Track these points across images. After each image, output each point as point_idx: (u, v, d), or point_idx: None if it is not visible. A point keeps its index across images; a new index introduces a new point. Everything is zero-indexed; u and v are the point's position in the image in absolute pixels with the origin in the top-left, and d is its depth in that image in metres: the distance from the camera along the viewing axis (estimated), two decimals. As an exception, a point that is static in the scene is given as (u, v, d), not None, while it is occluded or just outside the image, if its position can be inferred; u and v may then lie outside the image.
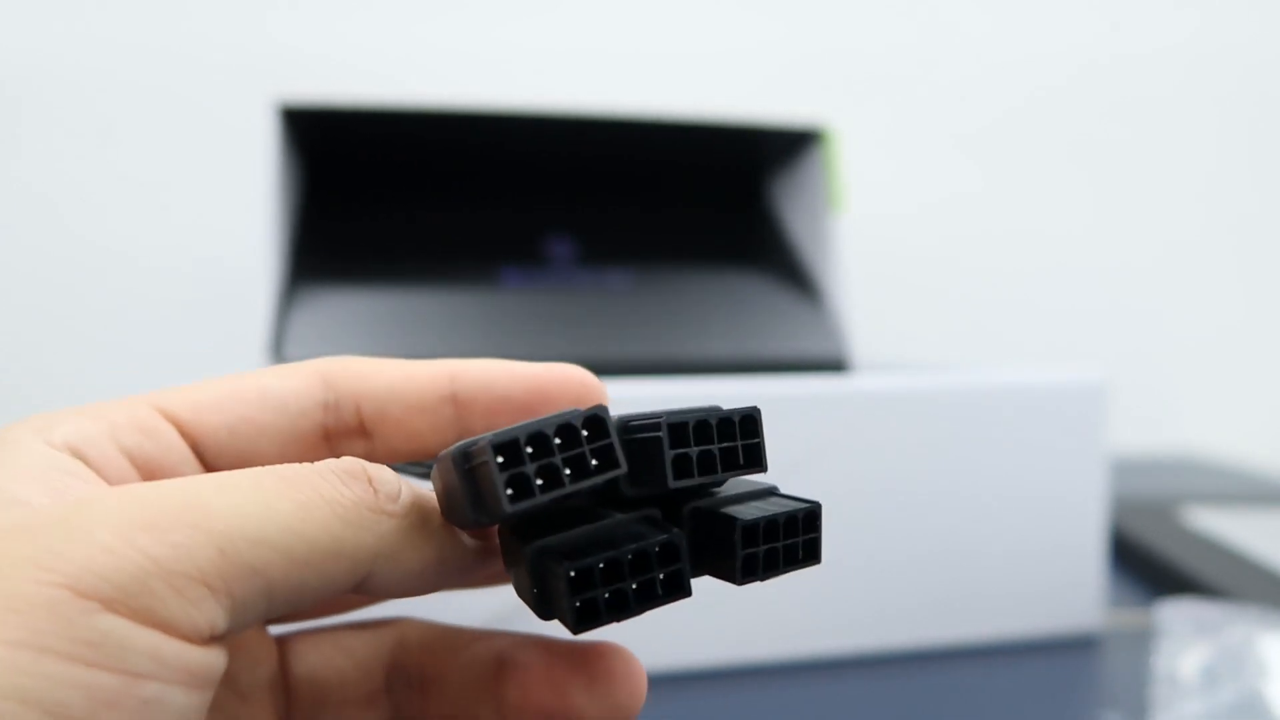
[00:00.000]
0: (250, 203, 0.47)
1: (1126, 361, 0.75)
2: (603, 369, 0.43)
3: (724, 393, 0.34)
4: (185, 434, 0.17)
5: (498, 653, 0.18)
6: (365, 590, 0.15)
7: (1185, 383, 0.77)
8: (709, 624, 0.34)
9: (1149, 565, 0.44)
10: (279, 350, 0.41)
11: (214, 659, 0.13)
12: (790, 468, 0.33)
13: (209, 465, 0.17)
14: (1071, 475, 0.36)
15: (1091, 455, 0.36)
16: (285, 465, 0.15)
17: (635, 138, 0.49)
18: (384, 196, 0.49)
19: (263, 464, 0.16)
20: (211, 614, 0.13)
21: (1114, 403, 0.38)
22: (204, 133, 0.62)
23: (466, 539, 0.17)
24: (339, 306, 0.44)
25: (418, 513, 0.15)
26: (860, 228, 0.62)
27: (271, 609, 0.14)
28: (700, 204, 0.53)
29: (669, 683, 0.33)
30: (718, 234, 0.53)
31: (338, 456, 0.17)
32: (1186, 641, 0.33)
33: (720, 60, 0.68)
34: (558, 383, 0.19)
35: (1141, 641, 0.36)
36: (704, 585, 0.16)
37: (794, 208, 0.52)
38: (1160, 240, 0.76)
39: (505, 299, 0.46)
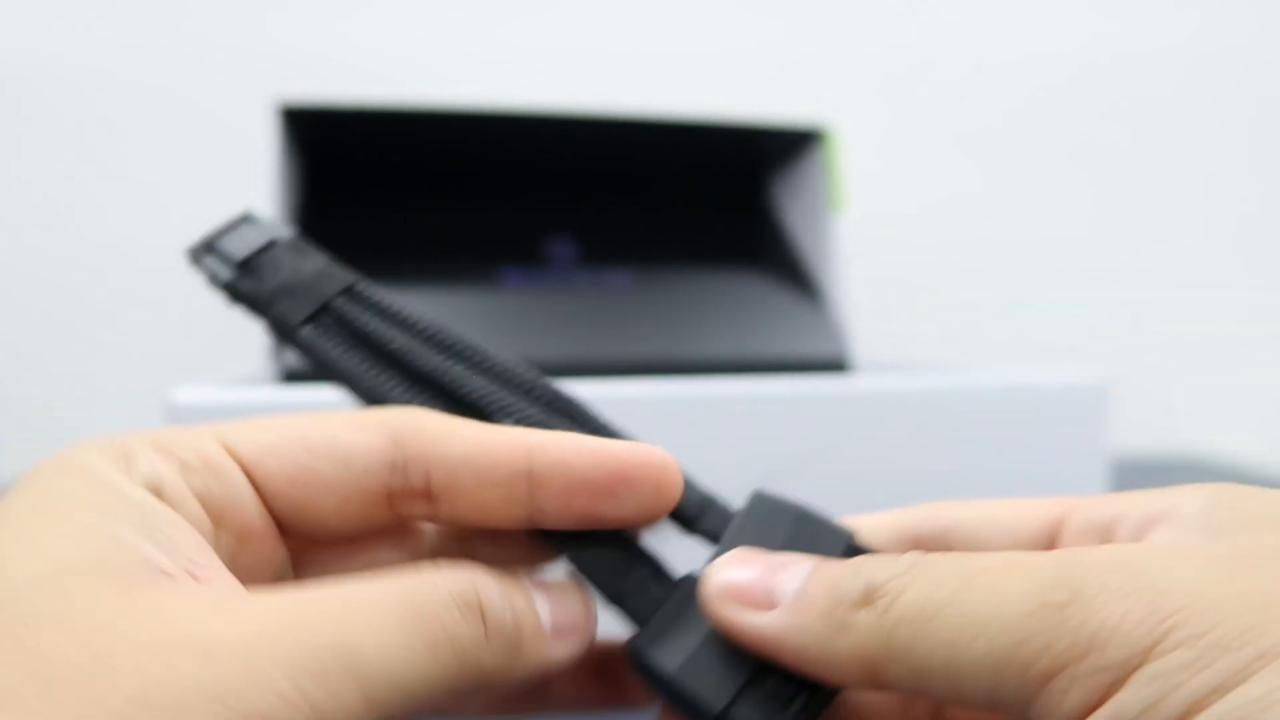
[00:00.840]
0: (250, 203, 0.47)
1: (1126, 362, 0.75)
2: (603, 369, 0.43)
3: (724, 393, 0.34)
4: (248, 474, 0.17)
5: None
6: (457, 706, 0.16)
7: (1186, 383, 0.77)
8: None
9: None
10: (279, 350, 0.41)
11: None
12: (791, 468, 0.33)
13: (269, 505, 0.17)
14: (1072, 476, 0.36)
15: (1092, 456, 0.36)
16: (415, 587, 0.15)
17: (635, 138, 0.49)
18: (384, 196, 0.49)
19: (320, 516, 0.17)
20: None
21: (1114, 403, 0.38)
22: (204, 133, 0.62)
23: (555, 648, 0.17)
24: (339, 306, 0.44)
25: (515, 639, 0.16)
26: (860, 228, 0.62)
27: None
28: (700, 204, 0.53)
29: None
30: (718, 234, 0.53)
31: (398, 516, 0.18)
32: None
33: (720, 60, 0.68)
34: (639, 467, 0.18)
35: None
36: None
37: (794, 208, 0.52)
38: (1161, 241, 0.76)
39: (505, 299, 0.46)
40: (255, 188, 0.45)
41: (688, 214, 0.53)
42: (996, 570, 0.14)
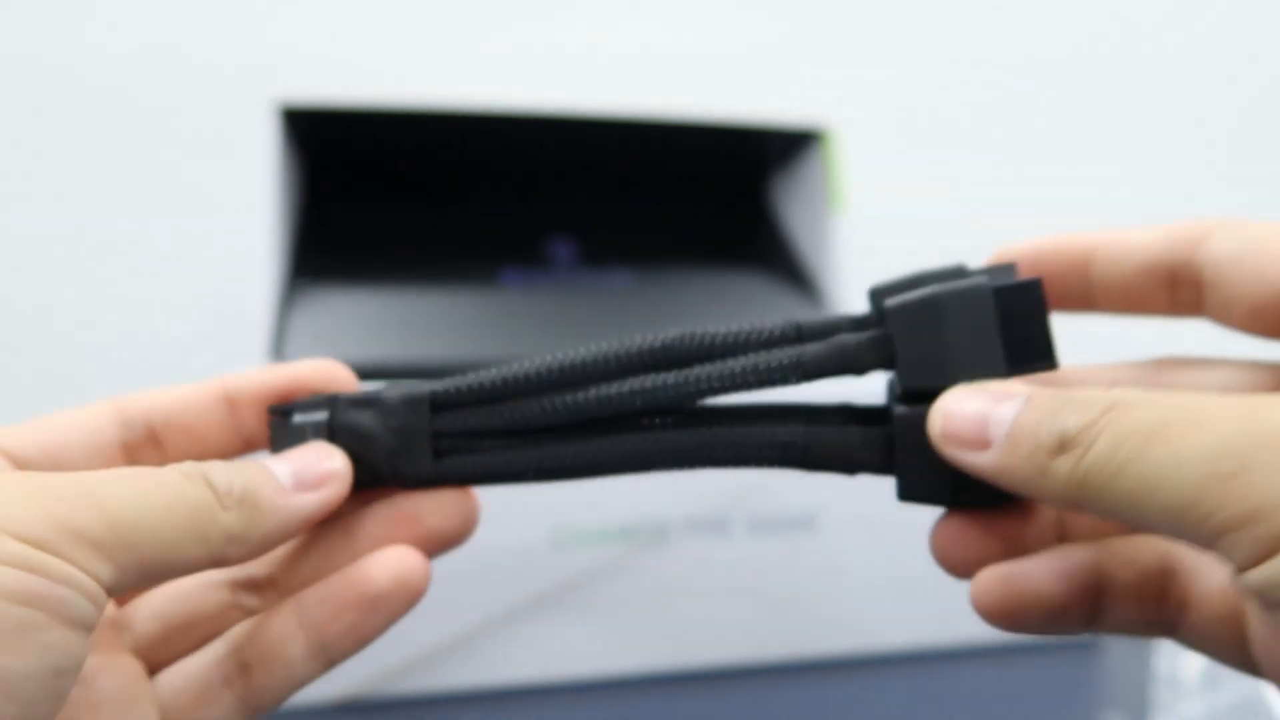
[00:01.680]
0: (250, 203, 0.47)
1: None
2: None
3: (724, 393, 0.34)
4: (8, 455, 0.21)
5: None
6: (225, 564, 0.19)
7: (1185, 383, 0.77)
8: (710, 625, 0.34)
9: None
10: (279, 350, 0.41)
11: (101, 592, 0.16)
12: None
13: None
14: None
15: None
16: (150, 468, 0.18)
17: (635, 138, 0.49)
18: (384, 196, 0.49)
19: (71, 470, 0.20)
20: (100, 569, 0.16)
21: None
22: (204, 132, 0.62)
23: (302, 499, 0.20)
24: (339, 306, 0.44)
25: (251, 499, 0.19)
26: (860, 228, 0.62)
27: (144, 578, 0.17)
28: (700, 204, 0.54)
29: (669, 683, 0.33)
30: (718, 234, 0.53)
31: (135, 464, 0.21)
32: (1187, 641, 0.33)
33: (720, 60, 0.68)
34: (312, 374, 0.22)
35: (1143, 641, 0.36)
36: (706, 588, 0.16)
37: (794, 208, 0.52)
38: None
39: (505, 299, 0.46)
40: (256, 188, 0.45)
41: (688, 214, 0.53)
42: (1178, 429, 0.16)
